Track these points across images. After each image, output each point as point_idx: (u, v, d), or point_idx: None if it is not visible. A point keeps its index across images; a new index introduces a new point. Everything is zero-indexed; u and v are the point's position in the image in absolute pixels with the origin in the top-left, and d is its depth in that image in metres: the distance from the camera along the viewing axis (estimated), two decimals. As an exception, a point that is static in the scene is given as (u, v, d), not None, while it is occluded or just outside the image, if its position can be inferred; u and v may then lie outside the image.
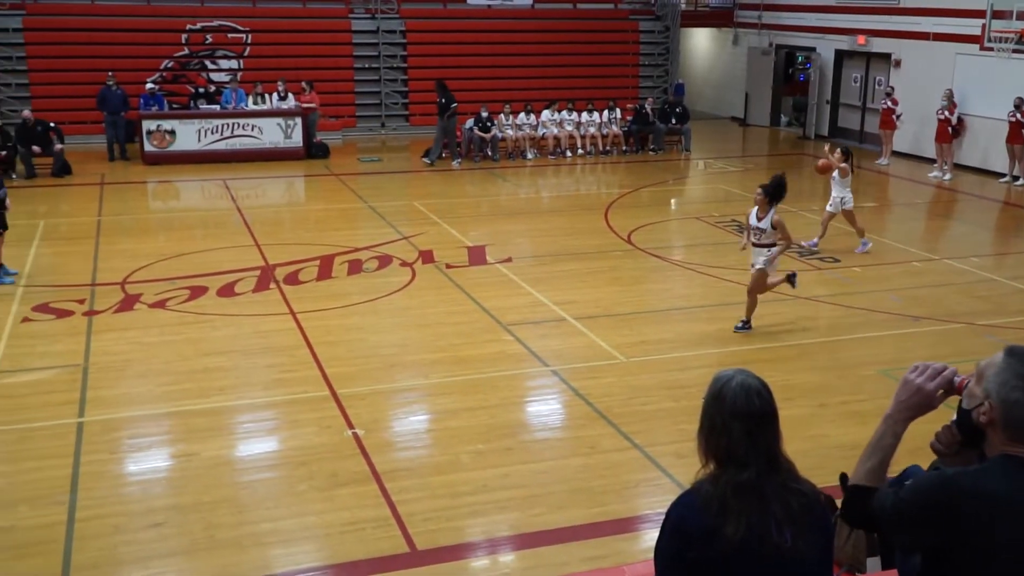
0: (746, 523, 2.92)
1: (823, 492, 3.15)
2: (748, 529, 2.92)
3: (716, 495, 2.96)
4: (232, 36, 24.45)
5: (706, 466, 3.06)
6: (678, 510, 3.06)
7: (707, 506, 2.96)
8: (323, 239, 14.61)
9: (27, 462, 7.56)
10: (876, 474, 3.03)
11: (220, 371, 9.54)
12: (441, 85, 21.59)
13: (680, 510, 3.06)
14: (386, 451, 7.83)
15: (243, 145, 21.24)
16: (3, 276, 12.13)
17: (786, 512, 2.97)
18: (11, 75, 22.63)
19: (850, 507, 3.08)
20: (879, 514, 2.94)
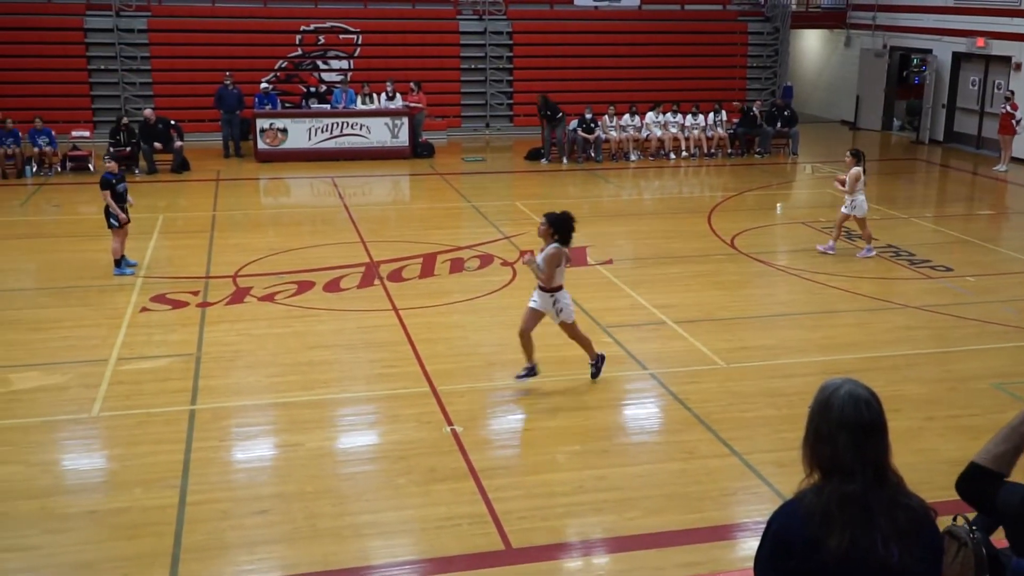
0: (850, 536, 2.86)
1: (932, 508, 3.07)
2: (852, 542, 2.86)
3: (820, 506, 2.90)
4: (343, 37, 25.00)
5: (810, 476, 3.00)
6: (780, 520, 3.01)
7: (810, 517, 2.90)
8: (426, 237, 14.83)
9: (143, 446, 7.89)
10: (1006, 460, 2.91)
11: (324, 364, 9.78)
12: (545, 100, 21.71)
13: (782, 519, 3.01)
14: (483, 448, 7.91)
15: (351, 144, 21.71)
16: (124, 267, 12.68)
17: (893, 526, 2.89)
18: (136, 74, 23.62)
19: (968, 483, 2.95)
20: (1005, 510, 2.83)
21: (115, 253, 12.64)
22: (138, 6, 23.90)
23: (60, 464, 7.81)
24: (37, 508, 6.88)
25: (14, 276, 12.90)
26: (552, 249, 8.83)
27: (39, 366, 9.54)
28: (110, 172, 12.68)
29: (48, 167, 19.59)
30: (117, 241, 12.65)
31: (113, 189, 12.54)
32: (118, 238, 12.65)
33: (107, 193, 12.51)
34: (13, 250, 14.19)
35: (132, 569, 6.18)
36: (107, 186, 12.56)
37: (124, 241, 12.79)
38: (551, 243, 8.87)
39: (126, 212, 12.66)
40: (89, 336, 10.36)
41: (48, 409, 8.58)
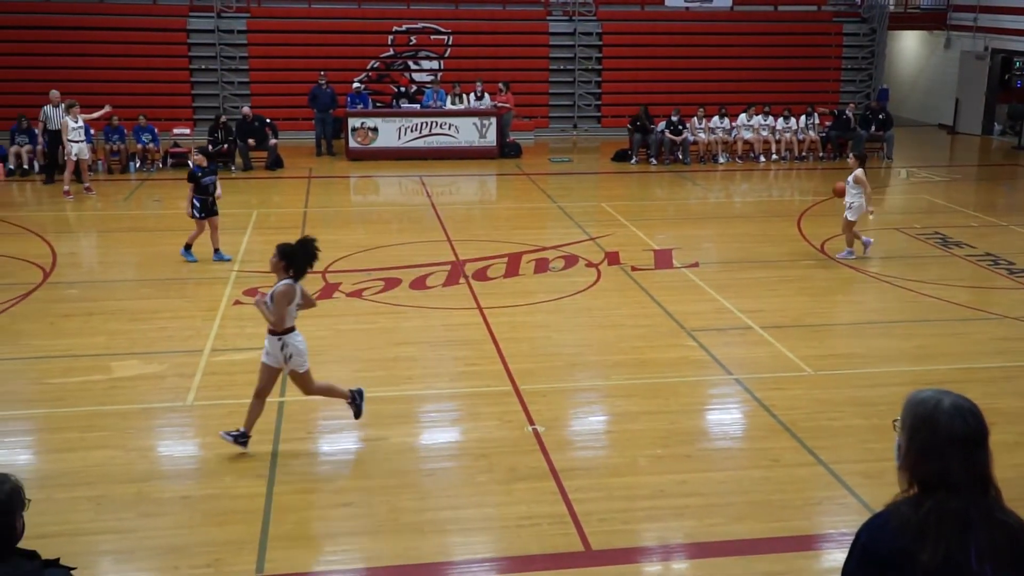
0: (945, 550, 2.78)
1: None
2: (946, 557, 2.78)
3: (916, 519, 2.82)
4: (434, 37, 25.29)
5: (907, 491, 2.92)
6: (869, 532, 2.95)
7: (902, 529, 2.83)
8: (512, 237, 14.91)
9: (233, 435, 8.12)
10: None
11: (409, 361, 9.92)
12: (645, 111, 21.76)
13: (872, 532, 2.94)
14: (565, 449, 7.94)
15: (440, 143, 21.95)
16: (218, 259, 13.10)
17: (990, 543, 2.80)
18: (234, 74, 24.29)
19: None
20: None
21: (190, 239, 13.24)
22: (238, 8, 24.58)
23: (156, 450, 8.09)
24: (134, 492, 7.15)
25: (118, 268, 13.41)
26: (283, 286, 7.54)
27: (138, 355, 9.90)
28: (198, 166, 13.13)
29: (150, 163, 20.29)
30: (197, 230, 13.20)
31: (197, 182, 13.01)
32: (199, 228, 13.19)
33: (192, 186, 13.08)
34: (117, 243, 14.75)
35: (222, 554, 6.37)
36: (193, 179, 13.09)
37: (215, 232, 13.28)
38: (283, 278, 7.58)
39: (213, 204, 13.13)
40: (185, 327, 10.71)
41: (146, 397, 8.90)
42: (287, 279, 7.58)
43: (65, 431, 8.16)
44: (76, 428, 8.18)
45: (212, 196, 13.22)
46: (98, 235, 15.43)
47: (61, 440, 8.03)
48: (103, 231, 15.59)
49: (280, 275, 7.62)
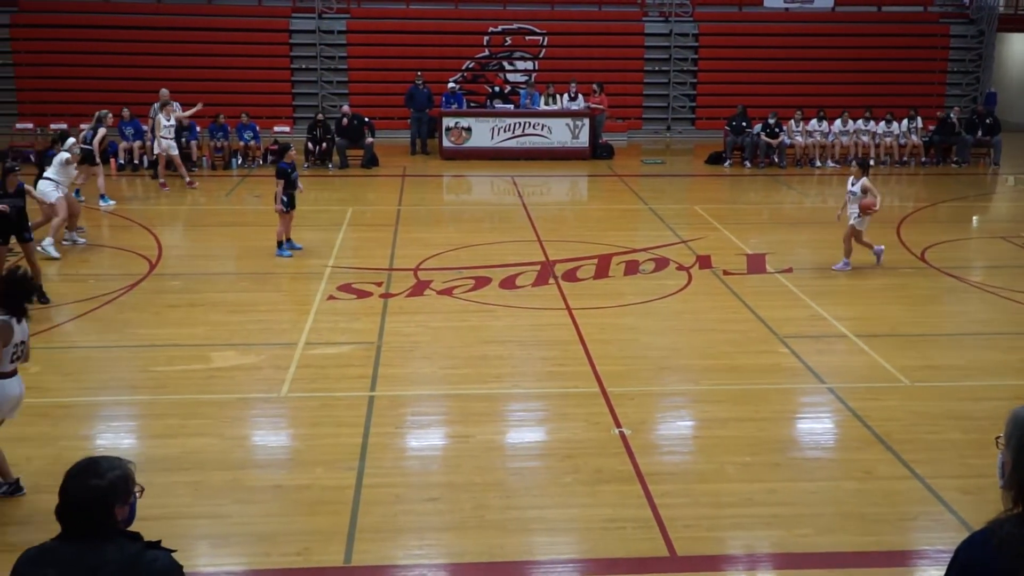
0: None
1: None
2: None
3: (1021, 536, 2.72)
4: (529, 38, 25.39)
5: (1011, 510, 2.82)
6: (969, 551, 2.86)
7: (1006, 548, 2.73)
8: (602, 238, 14.87)
9: (325, 427, 8.31)
10: None
11: (497, 359, 9.99)
12: (743, 112, 21.57)
13: (972, 551, 2.85)
14: (651, 453, 7.89)
15: (532, 144, 22.03)
16: (286, 249, 13.48)
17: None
18: (333, 73, 24.81)
19: None
20: None
21: (279, 236, 13.49)
22: (339, 9, 25.10)
23: (251, 439, 8.33)
24: (229, 479, 7.37)
25: (218, 261, 13.84)
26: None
27: (236, 346, 10.20)
28: (286, 162, 13.46)
29: (251, 160, 20.86)
30: (283, 225, 13.50)
31: (288, 178, 13.33)
32: (284, 222, 13.49)
33: (281, 182, 13.41)
34: (219, 236, 15.21)
35: (312, 543, 6.53)
36: (283, 175, 13.43)
37: (289, 225, 13.59)
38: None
39: (294, 199, 13.51)
40: (281, 320, 10.99)
41: (242, 387, 9.16)
42: (3, 316, 6.58)
43: (167, 418, 8.46)
44: (177, 415, 8.48)
45: (296, 190, 13.59)
46: (201, 229, 15.94)
47: (163, 426, 8.33)
48: (206, 225, 16.10)
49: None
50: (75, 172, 13.98)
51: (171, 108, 18.25)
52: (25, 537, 6.02)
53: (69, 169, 13.58)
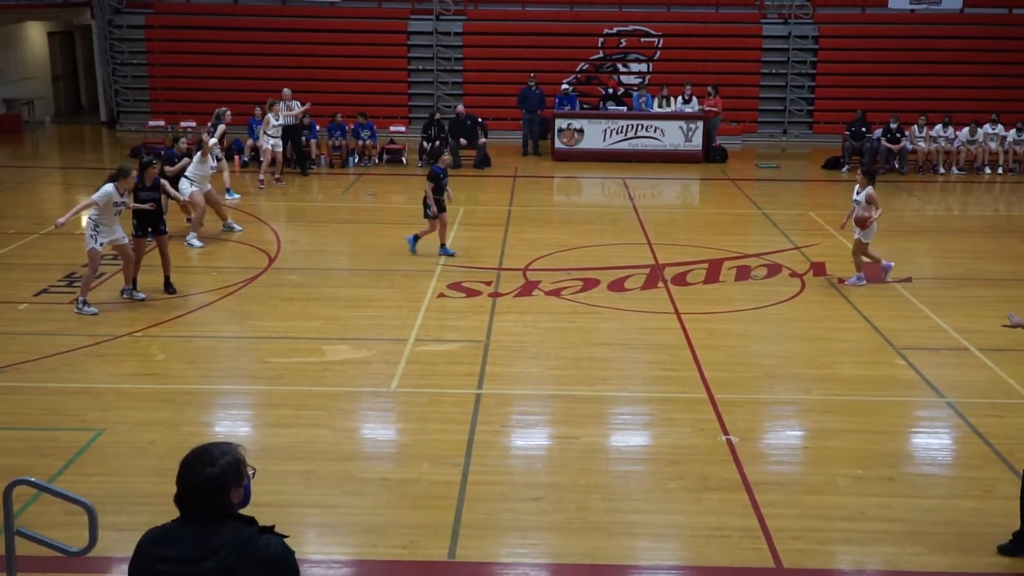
0: None
1: None
2: None
3: None
4: (644, 40, 25.23)
5: None
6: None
7: None
8: (713, 243, 14.67)
9: (432, 423, 8.45)
10: None
11: (604, 362, 9.98)
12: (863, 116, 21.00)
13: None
14: (759, 462, 7.76)
15: (645, 146, 21.88)
16: (449, 248, 13.63)
17: None
18: (449, 74, 25.15)
19: None
20: None
21: (422, 233, 13.63)
22: (456, 10, 25.43)
23: (361, 432, 8.54)
24: (339, 470, 7.57)
25: (334, 257, 14.21)
26: None
27: (349, 340, 10.46)
28: (439, 166, 13.56)
29: (368, 159, 21.32)
30: (430, 228, 13.62)
31: (438, 182, 13.42)
32: (432, 227, 13.59)
33: (431, 185, 13.40)
34: (335, 233, 15.61)
35: (417, 537, 6.65)
36: (434, 179, 13.45)
37: (444, 230, 13.67)
38: None
39: (443, 204, 13.52)
40: (392, 316, 11.21)
41: (354, 381, 9.40)
42: None
43: (282, 408, 8.75)
44: (291, 406, 8.75)
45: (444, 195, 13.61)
46: (318, 225, 16.37)
47: (278, 416, 8.62)
48: (322, 221, 16.53)
49: None
50: (211, 169, 14.52)
51: (279, 108, 18.78)
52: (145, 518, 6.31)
53: (204, 166, 14.14)
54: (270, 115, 18.45)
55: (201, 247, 13.87)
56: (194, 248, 13.81)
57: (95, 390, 9.00)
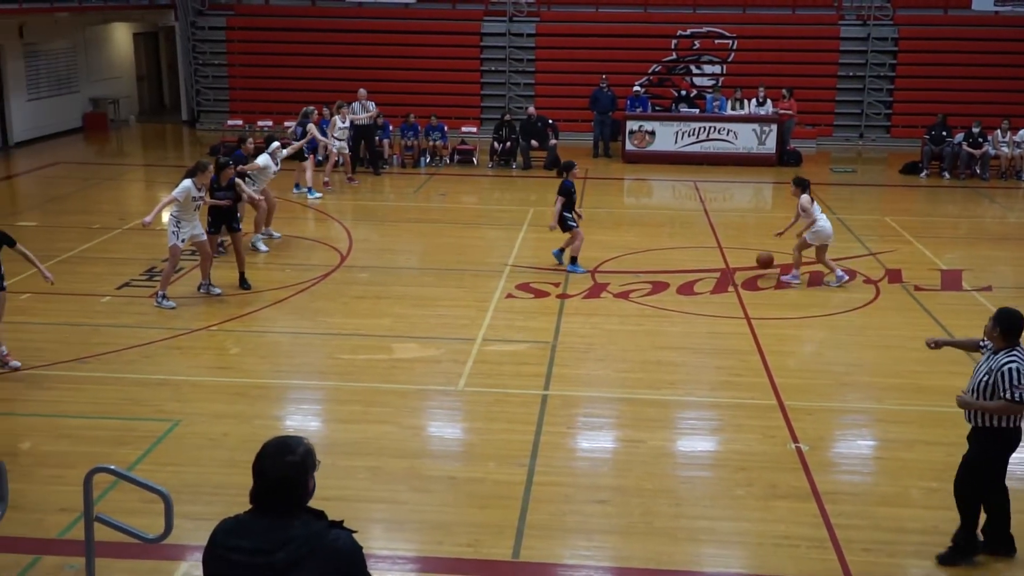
0: None
1: None
2: None
3: None
4: (719, 42, 24.97)
5: None
6: None
7: None
8: (786, 247, 14.42)
9: (498, 423, 8.49)
10: None
11: (672, 365, 9.91)
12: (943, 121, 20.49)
13: None
14: (829, 471, 7.64)
15: (717, 149, 21.66)
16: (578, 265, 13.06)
17: None
18: (520, 75, 25.21)
19: None
20: None
21: (574, 251, 13.08)
22: (529, 12, 25.48)
23: (427, 429, 8.61)
24: (406, 467, 7.65)
25: (404, 256, 14.35)
26: None
27: (418, 339, 10.56)
28: (571, 180, 13.08)
29: (439, 159, 21.49)
30: (577, 240, 13.03)
31: (570, 196, 12.99)
32: (577, 237, 13.03)
33: (561, 199, 12.91)
34: (405, 233, 15.77)
35: (482, 535, 6.69)
36: (566, 193, 12.95)
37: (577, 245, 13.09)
38: None
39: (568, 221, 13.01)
40: (460, 316, 11.28)
41: (422, 378, 9.49)
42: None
43: (350, 404, 8.88)
44: (360, 402, 8.87)
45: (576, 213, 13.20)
46: (389, 224, 16.54)
47: (346, 412, 8.74)
48: (393, 221, 16.70)
49: None
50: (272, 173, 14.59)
51: (346, 111, 19.01)
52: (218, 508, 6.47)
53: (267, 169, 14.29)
54: (336, 117, 18.70)
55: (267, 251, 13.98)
56: (260, 250, 13.90)
57: (172, 382, 9.24)
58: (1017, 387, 5.94)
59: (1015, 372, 5.97)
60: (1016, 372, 5.97)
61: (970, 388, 6.23)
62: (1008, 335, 6.13)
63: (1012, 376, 5.96)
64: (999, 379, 6.01)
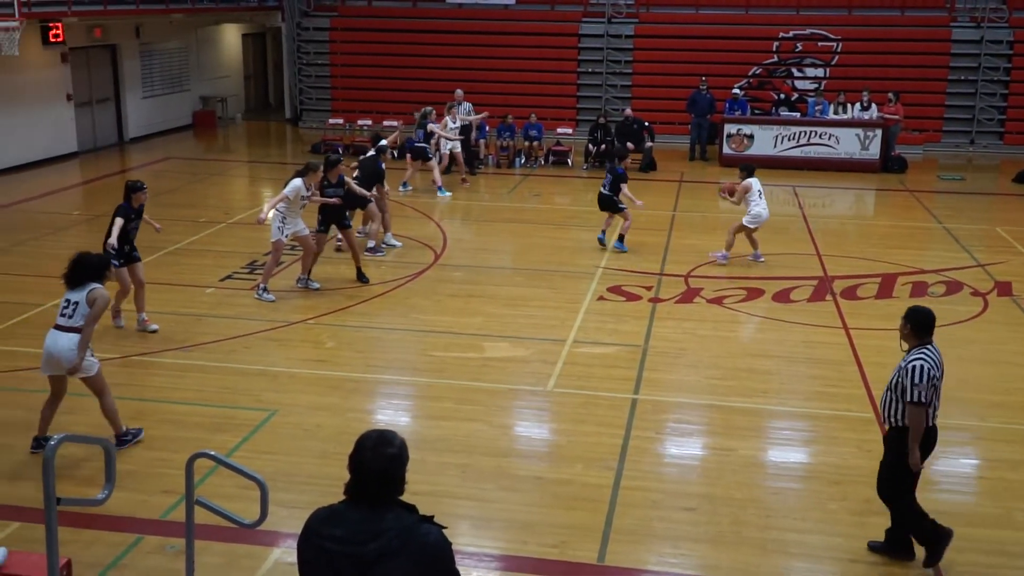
0: None
1: None
2: None
3: None
4: (822, 44, 24.42)
5: None
6: None
7: None
8: (887, 256, 14.07)
9: (587, 425, 8.48)
10: None
11: (765, 374, 9.74)
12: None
13: None
14: (928, 489, 7.38)
15: (817, 153, 21.21)
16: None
17: None
18: (618, 77, 25.10)
19: None
20: None
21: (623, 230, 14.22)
22: (628, 14, 25.35)
23: (516, 429, 8.66)
24: (494, 466, 7.71)
25: (497, 256, 14.44)
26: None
27: (509, 338, 10.62)
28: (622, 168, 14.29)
29: (534, 160, 21.55)
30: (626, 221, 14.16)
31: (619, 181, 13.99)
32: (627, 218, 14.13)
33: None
34: (499, 232, 15.87)
35: (568, 537, 6.69)
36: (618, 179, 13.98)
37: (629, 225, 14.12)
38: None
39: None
40: (551, 317, 11.30)
41: (512, 378, 9.54)
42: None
43: (442, 400, 8.98)
44: (451, 399, 8.97)
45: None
46: (483, 224, 16.69)
47: (438, 408, 8.85)
48: (487, 220, 16.83)
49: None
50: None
51: (456, 111, 19.22)
52: (311, 497, 6.63)
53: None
54: (448, 118, 18.90)
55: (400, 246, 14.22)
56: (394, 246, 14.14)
57: (270, 372, 9.50)
58: (916, 386, 6.03)
59: (916, 370, 6.06)
60: (918, 370, 6.06)
61: (886, 388, 6.31)
62: (918, 331, 6.22)
63: (913, 374, 6.06)
64: (902, 377, 6.10)
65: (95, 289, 7.51)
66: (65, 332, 7.44)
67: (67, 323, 7.46)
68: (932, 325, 6.26)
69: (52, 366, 7.54)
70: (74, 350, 7.38)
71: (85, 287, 7.50)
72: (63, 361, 7.43)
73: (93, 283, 7.53)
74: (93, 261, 7.69)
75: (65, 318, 7.48)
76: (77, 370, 7.44)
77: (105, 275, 7.74)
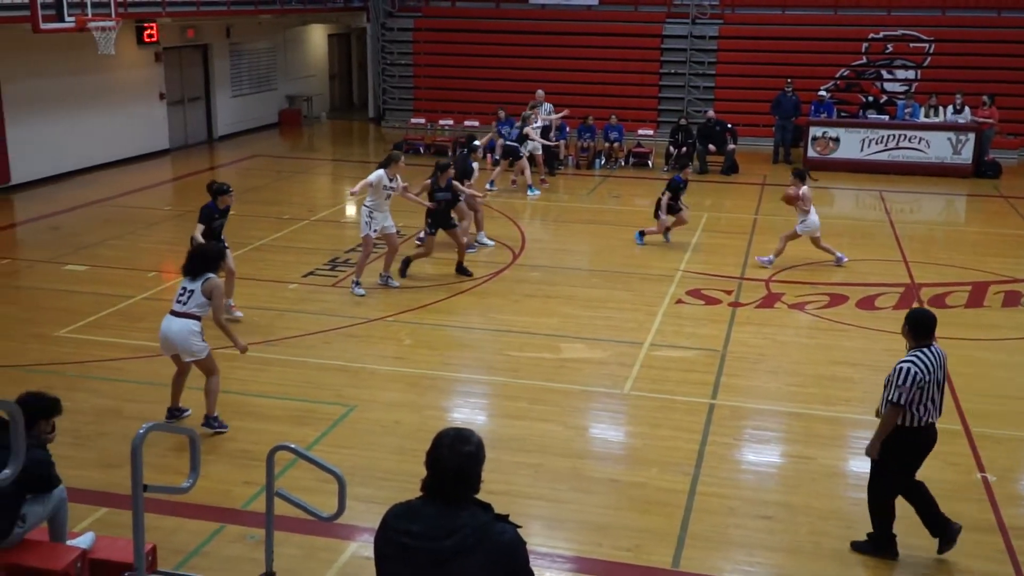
0: None
1: None
2: None
3: None
4: (913, 46, 23.79)
5: None
6: None
7: None
8: (978, 264, 13.65)
9: (663, 429, 8.42)
10: None
11: (847, 382, 9.54)
12: None
13: None
14: (1018, 504, 7.17)
15: (906, 158, 20.67)
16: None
17: None
18: (701, 78, 24.83)
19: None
20: None
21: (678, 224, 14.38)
22: (712, 14, 25.06)
23: (591, 431, 8.63)
24: (569, 467, 7.70)
25: (574, 257, 14.42)
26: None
27: (585, 339, 10.60)
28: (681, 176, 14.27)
29: (614, 161, 21.46)
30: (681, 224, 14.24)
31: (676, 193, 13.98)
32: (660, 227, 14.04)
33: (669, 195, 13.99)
34: (577, 233, 15.85)
35: (642, 541, 6.65)
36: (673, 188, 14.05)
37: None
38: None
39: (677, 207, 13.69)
40: (628, 319, 11.24)
41: (587, 379, 9.52)
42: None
43: (517, 400, 9.01)
44: (526, 399, 8.99)
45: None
46: (561, 224, 16.67)
47: (513, 408, 8.88)
48: (566, 221, 16.81)
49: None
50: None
51: (539, 111, 19.24)
52: (387, 493, 6.71)
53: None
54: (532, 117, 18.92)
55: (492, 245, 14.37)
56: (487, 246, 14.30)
57: (350, 368, 9.65)
58: (899, 387, 6.01)
59: (902, 371, 6.05)
60: (903, 372, 6.05)
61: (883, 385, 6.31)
62: (915, 333, 6.24)
63: (897, 375, 6.07)
64: (890, 375, 6.07)
65: (210, 279, 7.95)
66: (178, 317, 7.90)
67: (182, 309, 7.92)
68: (931, 327, 6.29)
69: (167, 348, 8.06)
70: (185, 333, 7.84)
71: (201, 277, 7.94)
72: (176, 344, 7.91)
73: (208, 273, 7.96)
74: (211, 253, 8.22)
75: (180, 304, 7.94)
76: (189, 353, 7.91)
77: (221, 265, 8.26)
